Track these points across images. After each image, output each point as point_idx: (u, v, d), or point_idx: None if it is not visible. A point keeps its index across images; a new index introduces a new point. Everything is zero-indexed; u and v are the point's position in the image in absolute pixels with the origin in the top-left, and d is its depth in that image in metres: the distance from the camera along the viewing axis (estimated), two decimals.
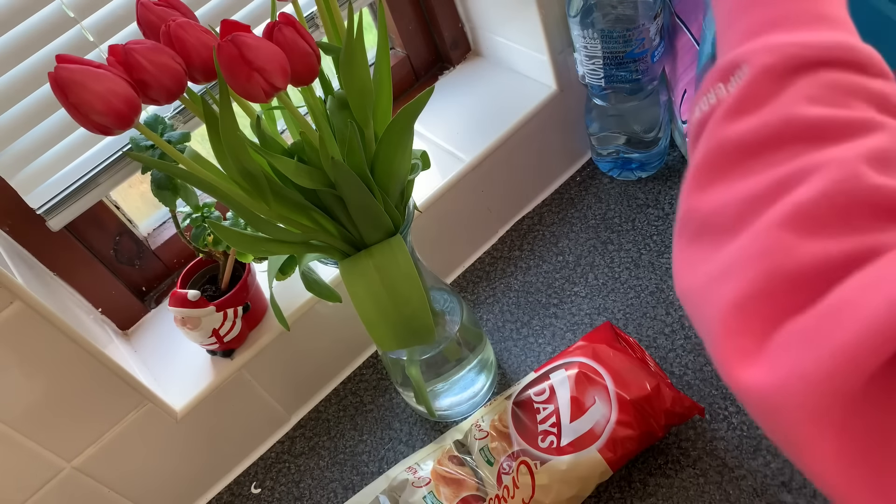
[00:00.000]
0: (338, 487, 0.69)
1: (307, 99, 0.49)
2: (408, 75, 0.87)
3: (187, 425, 0.67)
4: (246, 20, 0.64)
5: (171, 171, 0.47)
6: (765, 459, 0.59)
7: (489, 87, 0.83)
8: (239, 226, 0.61)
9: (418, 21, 0.84)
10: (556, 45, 0.76)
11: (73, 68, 0.40)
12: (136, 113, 0.42)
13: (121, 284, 0.73)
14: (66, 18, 0.55)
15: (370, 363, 0.78)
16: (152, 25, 0.46)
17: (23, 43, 0.55)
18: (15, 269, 0.56)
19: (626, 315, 0.71)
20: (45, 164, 0.60)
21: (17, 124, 0.57)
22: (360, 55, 0.48)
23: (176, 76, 0.44)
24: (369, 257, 0.52)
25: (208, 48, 0.45)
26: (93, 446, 0.62)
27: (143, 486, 0.67)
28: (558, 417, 0.59)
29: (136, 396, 0.62)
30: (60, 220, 0.62)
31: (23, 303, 0.52)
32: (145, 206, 0.78)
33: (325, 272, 0.69)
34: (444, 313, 0.65)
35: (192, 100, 0.48)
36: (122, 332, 0.74)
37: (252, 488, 0.72)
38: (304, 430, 0.74)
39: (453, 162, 0.76)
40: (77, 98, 0.40)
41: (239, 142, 0.45)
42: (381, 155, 0.50)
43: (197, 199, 0.60)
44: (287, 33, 0.44)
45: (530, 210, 0.84)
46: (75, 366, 0.57)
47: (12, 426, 0.56)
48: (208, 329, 0.63)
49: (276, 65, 0.43)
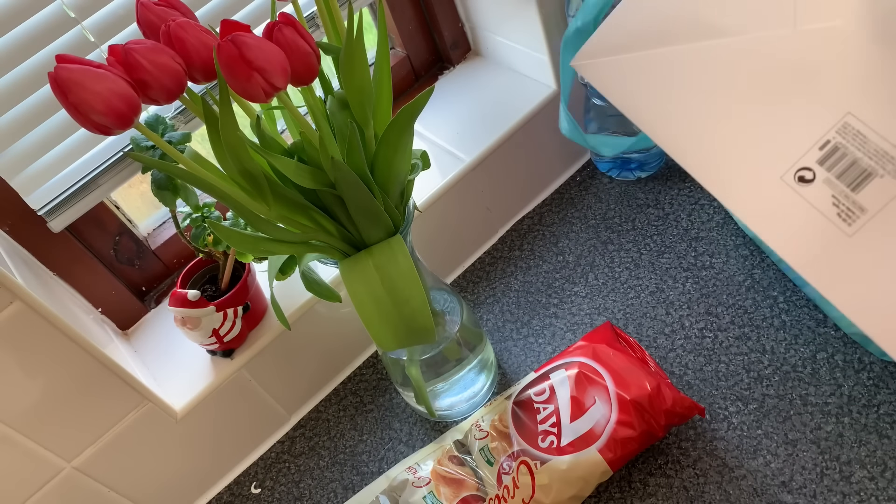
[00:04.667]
0: (338, 487, 0.69)
1: (307, 99, 0.49)
2: (408, 75, 0.87)
3: (187, 425, 0.67)
4: (246, 20, 0.64)
5: (172, 171, 0.47)
6: (765, 459, 0.59)
7: (489, 86, 0.83)
8: (239, 226, 0.61)
9: (418, 21, 0.84)
10: (556, 45, 0.76)
11: (73, 68, 0.40)
12: (136, 113, 0.42)
13: (121, 284, 0.73)
14: (66, 18, 0.55)
15: (370, 363, 0.78)
16: (152, 25, 0.46)
17: (23, 43, 0.55)
18: (15, 268, 0.56)
19: (626, 315, 0.71)
20: (46, 165, 0.60)
21: (17, 125, 0.57)
22: (360, 55, 0.48)
23: (176, 76, 0.44)
24: (369, 257, 0.52)
25: (208, 48, 0.45)
26: (93, 446, 0.62)
27: (143, 486, 0.67)
28: (558, 417, 0.59)
29: (135, 396, 0.62)
30: (62, 221, 0.62)
31: (22, 303, 0.52)
32: (145, 205, 0.78)
33: (325, 272, 0.69)
34: (444, 313, 0.65)
35: (192, 100, 0.48)
36: (122, 332, 0.74)
37: (252, 488, 0.72)
38: (304, 430, 0.74)
39: (453, 162, 0.76)
40: (77, 98, 0.40)
41: (239, 142, 0.45)
42: (381, 155, 0.50)
43: (197, 199, 0.60)
44: (287, 33, 0.44)
45: (530, 210, 0.84)
46: (75, 366, 0.57)
47: (12, 426, 0.56)
48: (208, 329, 0.63)
49: (276, 65, 0.43)
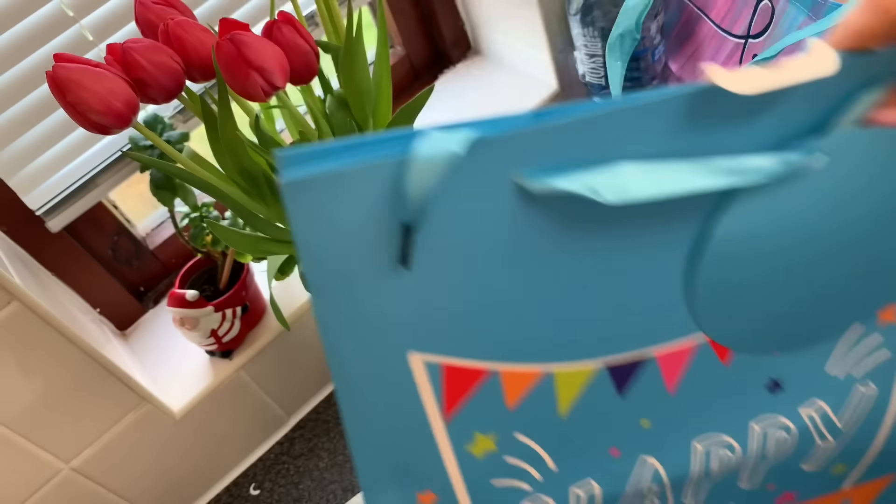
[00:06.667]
0: (337, 489, 0.69)
1: (306, 98, 0.49)
2: (408, 74, 0.87)
3: (185, 426, 0.67)
4: (245, 19, 0.63)
5: (170, 170, 0.47)
6: None
7: (489, 85, 0.83)
8: (238, 225, 0.61)
9: (418, 19, 0.84)
10: (557, 44, 0.76)
11: (71, 67, 0.40)
12: (134, 112, 0.42)
13: (119, 284, 0.73)
14: (65, 17, 0.55)
15: None
16: (151, 24, 0.46)
17: (22, 42, 0.54)
18: (13, 269, 0.55)
19: None
20: (44, 165, 0.59)
21: (15, 124, 0.56)
22: (360, 54, 0.48)
23: (174, 75, 0.44)
24: None
25: (207, 47, 0.45)
26: (91, 447, 0.62)
27: (141, 488, 0.67)
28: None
29: (134, 397, 0.62)
30: (60, 220, 0.62)
31: (20, 303, 0.52)
32: (143, 205, 0.78)
33: None
34: None
35: (190, 99, 0.48)
36: (120, 333, 0.74)
37: (251, 489, 0.71)
38: (303, 432, 0.74)
39: None
40: (75, 97, 0.40)
41: (238, 141, 0.45)
42: None
43: (195, 198, 0.60)
44: (286, 32, 0.44)
45: None
46: (73, 366, 0.57)
47: (10, 427, 0.56)
48: (207, 329, 0.63)
49: (275, 64, 0.43)
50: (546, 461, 0.38)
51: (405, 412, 0.35)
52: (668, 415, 0.38)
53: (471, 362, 0.34)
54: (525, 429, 0.37)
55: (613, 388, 0.36)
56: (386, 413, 0.35)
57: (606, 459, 0.39)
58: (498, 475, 0.38)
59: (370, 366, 0.33)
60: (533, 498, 0.39)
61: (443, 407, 0.35)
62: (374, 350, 0.33)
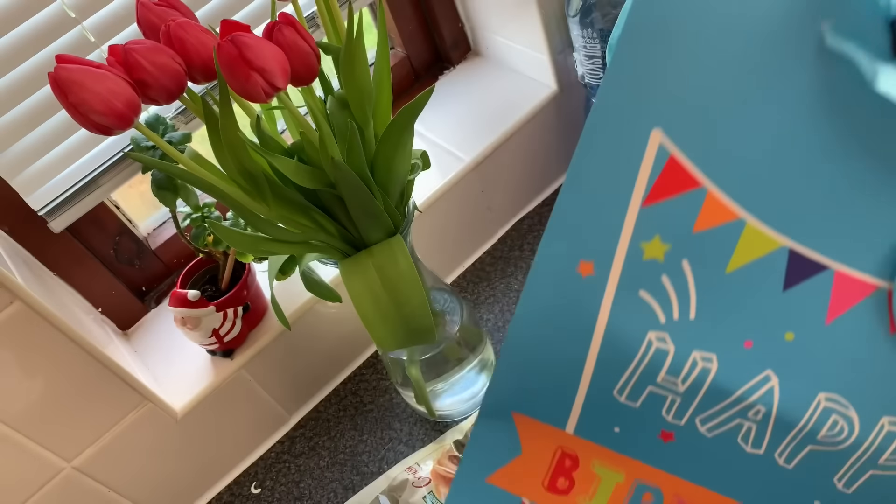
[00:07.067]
0: (338, 487, 0.69)
1: (307, 99, 0.49)
2: (408, 75, 0.87)
3: (187, 425, 0.67)
4: (246, 20, 0.64)
5: (172, 171, 0.47)
6: None
7: (489, 86, 0.83)
8: (239, 226, 0.61)
9: (418, 21, 0.84)
10: (556, 45, 0.76)
11: (73, 68, 0.40)
12: (135, 113, 0.42)
13: (121, 284, 0.73)
14: (66, 18, 0.55)
15: (370, 363, 0.77)
16: (152, 25, 0.46)
17: (24, 43, 0.55)
18: (15, 268, 0.56)
19: None
20: (47, 166, 0.60)
21: (18, 125, 0.57)
22: (360, 55, 0.48)
23: (176, 76, 0.44)
24: (369, 257, 0.52)
25: (208, 48, 0.45)
26: (93, 446, 0.62)
27: (143, 486, 0.67)
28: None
29: (135, 396, 0.62)
30: (62, 221, 0.62)
31: (22, 303, 0.52)
32: (145, 206, 0.78)
33: (325, 272, 0.69)
34: (444, 313, 0.65)
35: (192, 100, 0.48)
36: (122, 332, 0.74)
37: (252, 488, 0.72)
38: (304, 430, 0.74)
39: (453, 162, 0.76)
40: (77, 98, 0.40)
41: (239, 142, 0.45)
42: (381, 155, 0.50)
43: (197, 199, 0.60)
44: (287, 33, 0.44)
45: (530, 210, 0.84)
46: (75, 366, 0.57)
47: (12, 426, 0.56)
48: (208, 329, 0.63)
49: (276, 65, 0.43)
50: (691, 305, 0.37)
51: (618, 181, 0.35)
52: (814, 345, 0.36)
53: (693, 167, 0.34)
54: (693, 259, 0.36)
55: (783, 276, 0.35)
56: (603, 177, 0.35)
57: (738, 346, 0.37)
58: (648, 288, 0.37)
59: (619, 125, 0.34)
60: (660, 335, 0.37)
61: (648, 192, 0.35)
62: (631, 113, 0.34)
